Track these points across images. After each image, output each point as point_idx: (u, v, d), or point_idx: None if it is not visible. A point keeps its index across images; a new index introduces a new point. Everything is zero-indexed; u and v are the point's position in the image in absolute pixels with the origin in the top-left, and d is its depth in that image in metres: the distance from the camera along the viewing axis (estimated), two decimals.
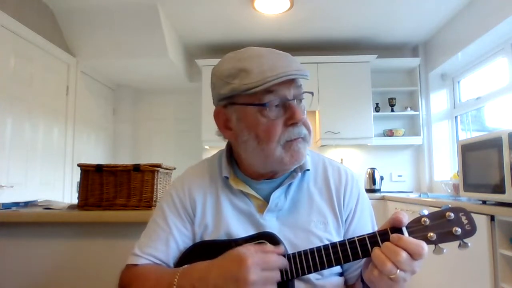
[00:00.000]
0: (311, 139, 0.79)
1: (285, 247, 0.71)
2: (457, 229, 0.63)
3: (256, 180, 0.82)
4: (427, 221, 0.65)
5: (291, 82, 0.74)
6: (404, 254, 0.59)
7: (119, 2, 2.89)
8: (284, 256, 0.68)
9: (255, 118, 0.74)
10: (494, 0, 2.60)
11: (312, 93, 0.80)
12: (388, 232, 0.64)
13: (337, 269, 0.79)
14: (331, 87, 3.61)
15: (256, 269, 0.61)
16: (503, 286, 1.69)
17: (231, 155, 0.87)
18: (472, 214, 0.65)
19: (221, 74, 0.76)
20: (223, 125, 0.81)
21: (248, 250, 0.64)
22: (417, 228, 0.64)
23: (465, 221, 0.64)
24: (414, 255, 0.60)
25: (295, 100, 0.75)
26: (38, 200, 1.76)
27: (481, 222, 1.77)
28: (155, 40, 3.14)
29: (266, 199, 0.80)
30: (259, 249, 0.65)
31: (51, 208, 1.54)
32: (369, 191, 3.57)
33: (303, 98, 0.78)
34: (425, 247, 0.60)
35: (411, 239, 0.61)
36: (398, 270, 0.59)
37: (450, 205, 0.66)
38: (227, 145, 0.88)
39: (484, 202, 1.93)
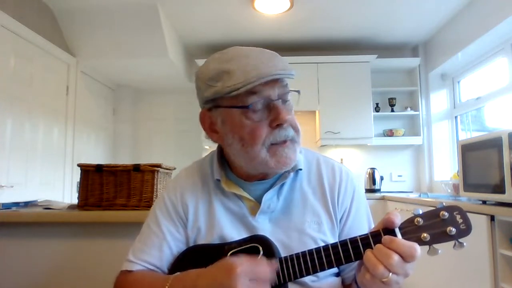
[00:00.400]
0: (300, 138, 0.77)
1: (278, 250, 0.71)
2: (451, 228, 0.61)
3: (248, 181, 0.81)
4: (421, 221, 0.63)
5: (275, 82, 0.72)
6: (396, 257, 0.58)
7: (119, 2, 2.89)
8: (276, 261, 0.67)
9: (239, 121, 0.73)
10: (494, 0, 2.60)
11: (298, 91, 0.77)
12: (381, 233, 0.63)
13: (333, 269, 0.78)
14: (331, 87, 3.61)
15: (245, 279, 0.60)
16: (503, 286, 1.69)
17: (222, 157, 0.86)
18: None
19: (204, 77, 0.75)
20: (209, 128, 0.80)
21: (239, 259, 0.63)
22: (410, 229, 0.63)
23: (460, 220, 0.62)
24: (406, 258, 0.58)
25: (280, 100, 0.73)
26: (38, 200, 1.76)
27: (481, 222, 1.77)
28: (155, 40, 3.14)
29: (259, 201, 0.79)
30: (251, 259, 0.64)
31: (51, 208, 1.54)
32: (369, 191, 3.57)
33: (288, 99, 0.76)
34: (418, 249, 0.59)
35: (404, 241, 0.60)
36: (391, 273, 0.58)
37: (444, 204, 0.64)
38: (218, 147, 0.87)
39: (484, 202, 1.93)
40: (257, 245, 0.71)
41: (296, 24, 3.32)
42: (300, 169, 0.82)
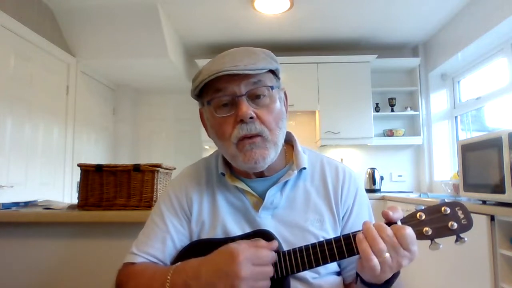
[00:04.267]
0: (275, 136, 0.76)
1: (280, 244, 0.71)
2: (453, 223, 0.62)
3: (249, 179, 0.82)
4: (423, 215, 0.64)
5: (241, 78, 0.72)
6: (387, 231, 0.60)
7: (119, 2, 2.89)
8: (277, 251, 0.68)
9: (212, 117, 0.77)
10: (494, 0, 2.60)
11: (271, 87, 0.76)
12: None
13: (335, 268, 0.79)
14: (331, 87, 3.61)
15: (248, 264, 0.61)
16: (503, 286, 1.69)
17: None
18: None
19: (194, 76, 0.80)
20: (205, 123, 0.84)
21: (240, 245, 0.64)
22: (412, 223, 0.64)
23: (461, 216, 0.63)
24: (398, 236, 0.60)
25: (245, 97, 0.73)
26: (38, 200, 1.76)
27: (481, 222, 1.77)
28: (155, 40, 3.14)
29: (262, 197, 0.80)
30: (251, 244, 0.65)
31: (51, 208, 1.54)
32: (369, 191, 3.57)
33: (263, 94, 0.75)
34: (408, 230, 0.61)
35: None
36: (386, 254, 0.59)
37: (446, 200, 0.65)
38: None
39: (484, 202, 1.93)
40: (258, 239, 0.71)
41: (296, 24, 3.32)
42: (304, 168, 0.83)
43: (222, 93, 0.74)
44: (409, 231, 0.60)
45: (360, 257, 0.62)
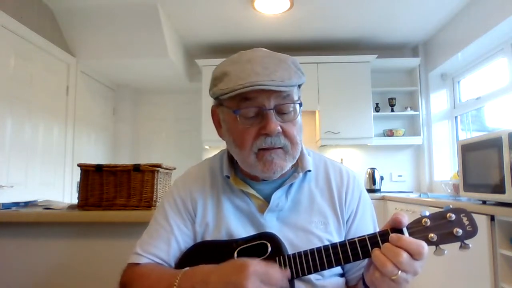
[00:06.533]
0: (295, 151, 0.77)
1: (285, 247, 0.71)
2: (458, 230, 0.63)
3: (255, 181, 0.82)
4: (428, 221, 0.64)
5: (271, 91, 0.70)
6: (404, 255, 0.59)
7: (119, 2, 2.89)
8: (283, 257, 0.68)
9: (233, 123, 0.75)
10: (494, 0, 2.60)
11: (299, 103, 0.76)
12: (389, 232, 0.64)
13: (338, 269, 0.79)
14: (331, 87, 3.61)
15: (255, 279, 0.61)
16: (503, 286, 1.69)
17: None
18: (472, 214, 0.65)
19: (213, 75, 0.77)
20: (218, 123, 0.83)
21: (253, 260, 0.64)
22: (418, 229, 0.64)
23: (466, 222, 0.64)
24: (414, 255, 0.59)
25: (273, 110, 0.72)
26: (38, 200, 1.76)
27: (481, 222, 1.77)
28: (155, 40, 3.14)
29: (267, 199, 0.80)
30: (266, 263, 0.65)
31: (51, 208, 1.54)
32: (369, 191, 3.56)
33: (288, 111, 0.75)
34: (426, 247, 0.60)
35: (411, 238, 0.61)
36: (400, 271, 0.59)
37: (451, 206, 0.65)
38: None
39: (484, 202, 1.93)
40: (265, 242, 0.71)
41: (296, 24, 3.32)
42: (309, 171, 0.83)
43: (250, 103, 0.71)
44: (426, 249, 0.60)
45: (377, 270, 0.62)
